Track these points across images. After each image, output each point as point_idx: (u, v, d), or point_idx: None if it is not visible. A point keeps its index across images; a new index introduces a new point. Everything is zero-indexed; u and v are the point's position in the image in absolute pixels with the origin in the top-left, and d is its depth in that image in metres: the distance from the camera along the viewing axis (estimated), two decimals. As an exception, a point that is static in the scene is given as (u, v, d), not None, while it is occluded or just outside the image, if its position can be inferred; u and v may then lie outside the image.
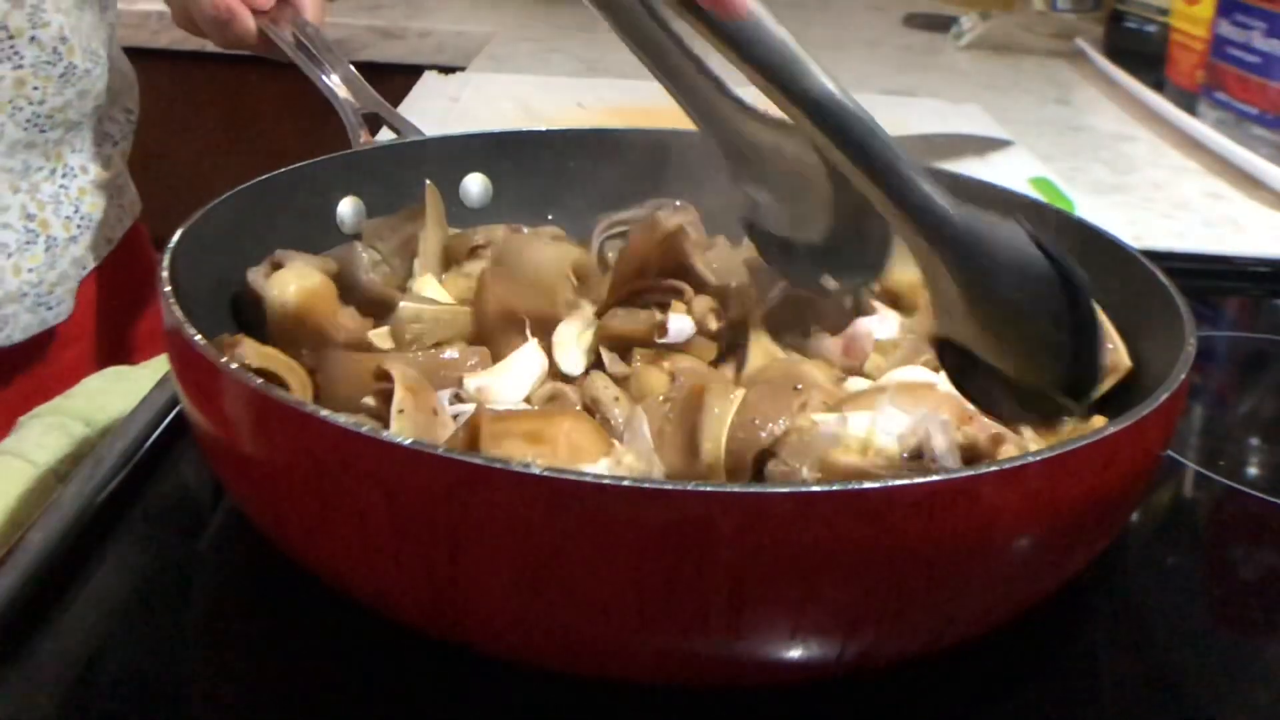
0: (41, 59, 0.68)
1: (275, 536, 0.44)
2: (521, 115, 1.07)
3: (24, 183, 0.70)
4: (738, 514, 0.34)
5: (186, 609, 0.47)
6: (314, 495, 0.39)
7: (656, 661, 0.39)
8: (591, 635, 0.38)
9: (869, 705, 0.43)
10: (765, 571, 0.35)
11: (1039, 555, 0.40)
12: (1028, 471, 0.37)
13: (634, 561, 0.35)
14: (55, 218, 0.71)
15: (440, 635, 0.41)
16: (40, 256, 0.70)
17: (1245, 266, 0.85)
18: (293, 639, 0.45)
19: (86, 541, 0.48)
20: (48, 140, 0.70)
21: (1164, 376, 0.43)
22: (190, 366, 0.43)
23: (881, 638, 0.38)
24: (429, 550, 0.37)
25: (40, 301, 0.71)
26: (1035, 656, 0.46)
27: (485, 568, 0.37)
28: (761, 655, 0.38)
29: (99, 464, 0.51)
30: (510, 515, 0.35)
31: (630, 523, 0.35)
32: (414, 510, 0.37)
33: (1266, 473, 0.60)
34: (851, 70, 1.36)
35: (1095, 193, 0.98)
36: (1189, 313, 0.48)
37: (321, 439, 0.37)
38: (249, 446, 0.41)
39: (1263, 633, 0.49)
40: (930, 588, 0.37)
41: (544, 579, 0.36)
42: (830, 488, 0.35)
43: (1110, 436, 0.38)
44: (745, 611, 0.36)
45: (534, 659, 0.41)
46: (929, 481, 0.35)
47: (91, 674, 0.43)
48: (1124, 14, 1.36)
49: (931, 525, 0.35)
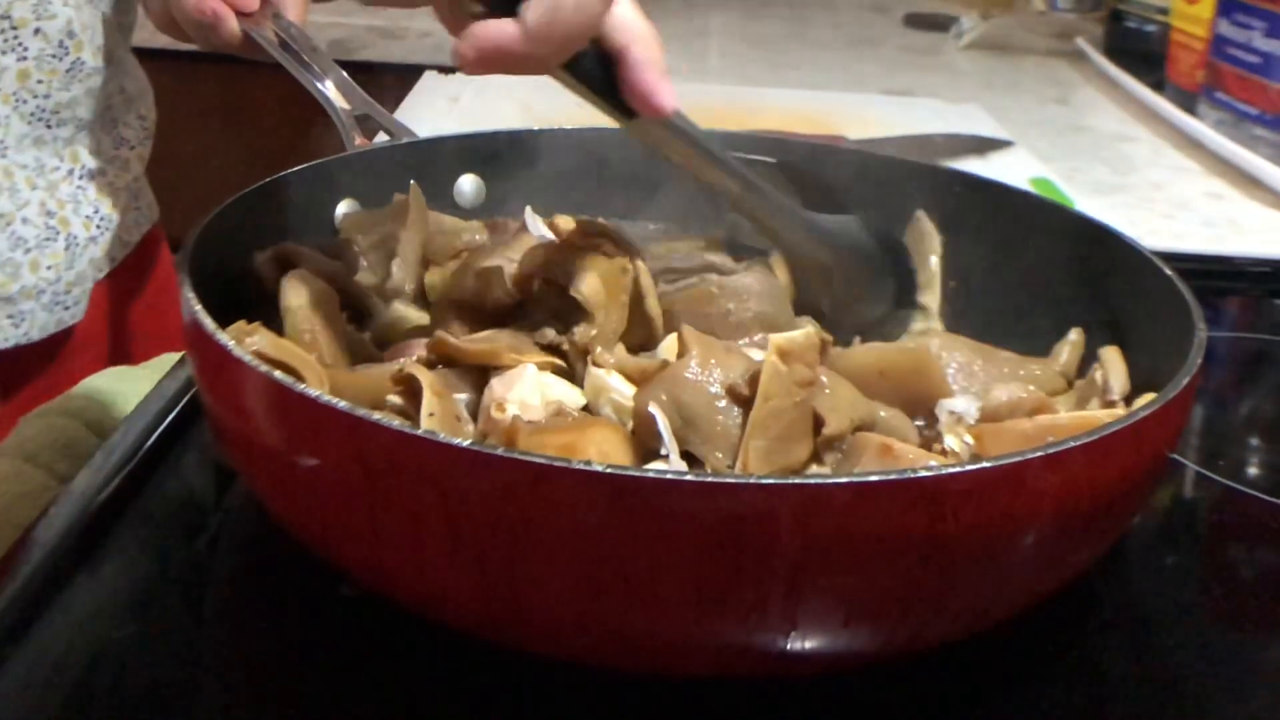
0: (47, 52, 0.68)
1: (313, 541, 0.44)
2: (521, 115, 1.07)
3: (41, 180, 0.70)
4: (798, 504, 0.35)
5: (187, 609, 0.47)
6: (363, 500, 0.38)
7: (710, 654, 0.39)
8: (649, 631, 0.38)
9: (870, 705, 0.43)
10: (823, 561, 0.36)
11: (1077, 535, 0.41)
12: (1070, 455, 0.38)
13: (696, 555, 0.36)
14: (75, 217, 0.71)
15: (491, 636, 0.41)
16: (60, 254, 0.70)
17: (1245, 266, 0.85)
18: (294, 639, 0.45)
19: (86, 541, 0.48)
20: (57, 138, 0.70)
21: (1172, 368, 0.44)
22: (220, 370, 0.42)
23: (926, 623, 0.39)
24: (487, 552, 0.37)
25: (57, 300, 0.71)
26: (1035, 656, 0.46)
27: (545, 567, 0.37)
28: (812, 645, 0.38)
29: (99, 464, 0.51)
30: (573, 514, 0.35)
31: (693, 517, 0.35)
32: (472, 512, 0.37)
33: (1266, 473, 0.60)
34: (851, 70, 1.36)
35: (1095, 193, 0.98)
36: (1195, 301, 0.49)
37: (374, 443, 0.37)
38: (290, 452, 0.40)
39: (1263, 633, 0.49)
40: (976, 571, 0.38)
41: (605, 576, 0.36)
42: (887, 476, 0.36)
43: (1142, 420, 0.40)
44: (802, 601, 0.37)
45: (588, 657, 0.41)
46: (980, 468, 0.36)
47: (92, 674, 0.43)
48: (1124, 14, 1.36)
49: (981, 509, 0.37)
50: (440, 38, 1.47)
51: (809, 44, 1.49)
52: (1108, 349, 0.54)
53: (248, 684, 0.44)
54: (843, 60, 1.41)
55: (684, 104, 0.50)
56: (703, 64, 1.39)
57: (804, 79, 1.31)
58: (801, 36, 1.53)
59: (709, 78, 1.32)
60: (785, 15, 1.65)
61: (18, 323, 0.69)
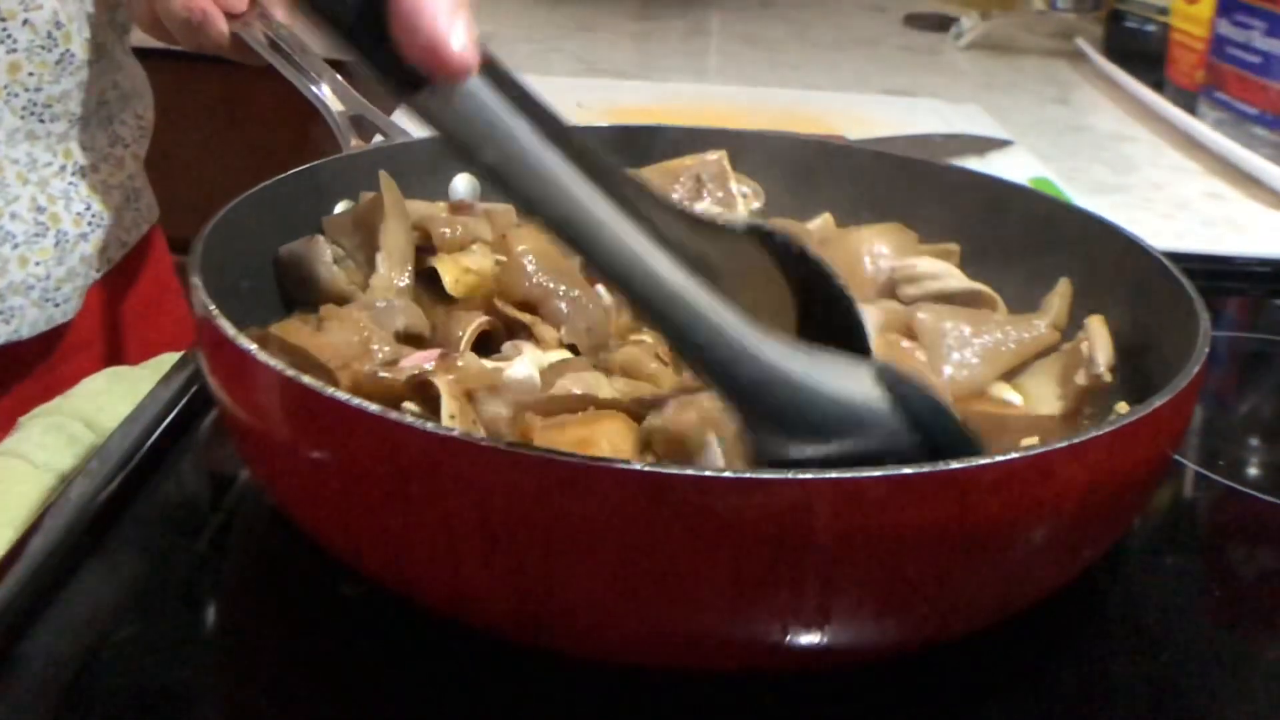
0: (35, 43, 0.67)
1: (335, 544, 0.43)
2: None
3: (32, 175, 0.69)
4: (834, 498, 0.35)
5: (187, 610, 0.47)
6: (395, 503, 0.38)
7: (741, 650, 0.39)
8: (684, 628, 0.38)
9: (870, 705, 0.43)
10: (858, 554, 0.36)
11: (1100, 524, 0.42)
12: (1094, 444, 0.39)
13: (733, 551, 0.36)
14: (66, 213, 0.71)
15: (520, 637, 0.41)
16: (50, 251, 0.70)
17: (1245, 266, 0.85)
18: (294, 638, 0.45)
19: (86, 541, 0.48)
20: (50, 133, 0.70)
21: (1177, 361, 0.44)
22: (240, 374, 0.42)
23: (951, 615, 0.40)
24: (522, 552, 0.37)
25: (47, 297, 0.71)
26: (1035, 656, 0.46)
27: (582, 567, 0.37)
28: (845, 638, 0.39)
29: (99, 464, 0.51)
30: (609, 513, 0.36)
31: (730, 513, 0.35)
32: (507, 513, 0.37)
33: (1266, 473, 0.60)
34: (851, 70, 1.36)
35: (1095, 192, 0.98)
36: (1199, 297, 0.49)
37: (407, 446, 0.37)
38: (318, 456, 0.40)
39: (1263, 633, 0.49)
40: (1001, 562, 0.39)
41: (641, 575, 0.37)
42: (921, 469, 0.36)
43: (1158, 409, 0.41)
44: (836, 594, 0.37)
45: (619, 655, 0.41)
46: (1008, 459, 0.37)
47: (91, 675, 0.43)
48: (1124, 14, 1.36)
49: (1008, 499, 0.37)
50: (440, 38, 1.46)
51: (809, 44, 1.49)
52: (1092, 318, 0.55)
53: (248, 684, 0.44)
54: (843, 60, 1.41)
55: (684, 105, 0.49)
56: (703, 64, 1.39)
57: (804, 79, 1.31)
58: (801, 36, 1.53)
59: (709, 78, 1.32)
60: (785, 15, 1.65)
61: (8, 319, 0.69)
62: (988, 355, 0.54)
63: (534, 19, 1.52)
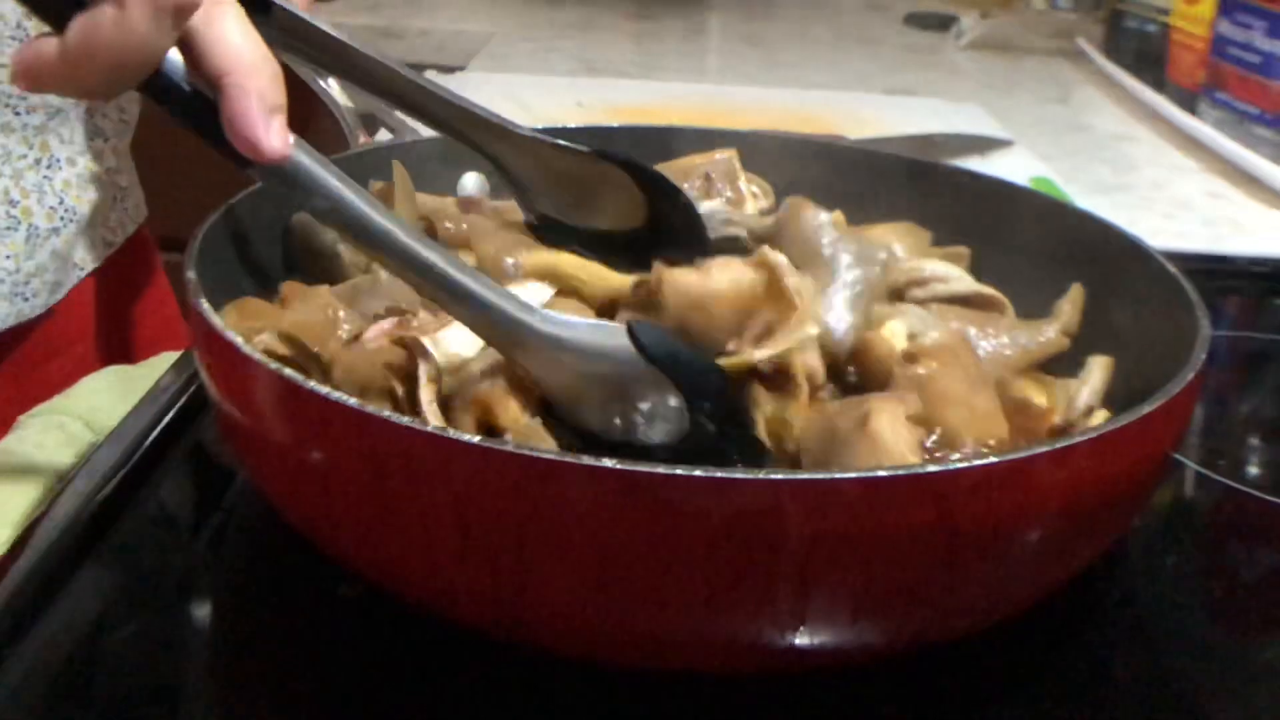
0: (6, 34, 0.67)
1: (321, 538, 0.44)
2: (521, 114, 1.07)
3: (6, 168, 0.69)
4: (807, 499, 0.35)
5: (186, 610, 0.47)
6: (373, 497, 0.38)
7: (718, 650, 0.39)
8: (658, 627, 0.38)
9: (870, 705, 0.43)
10: (832, 556, 0.36)
11: (1081, 531, 0.42)
12: (1077, 450, 0.38)
13: (705, 550, 0.36)
14: (39, 207, 0.70)
15: (498, 633, 0.41)
16: (20, 245, 0.69)
17: (1245, 266, 0.85)
18: (293, 639, 0.45)
19: (85, 541, 0.48)
20: (26, 125, 0.69)
21: (1176, 363, 0.44)
22: (229, 368, 0.42)
23: (932, 619, 0.40)
24: (495, 547, 0.37)
25: (16, 291, 0.70)
26: (1035, 656, 0.46)
27: (554, 563, 0.37)
28: (820, 640, 0.39)
29: (99, 464, 0.51)
30: (581, 509, 0.36)
31: (702, 512, 0.35)
32: (481, 508, 0.37)
33: (1266, 473, 0.60)
34: (851, 70, 1.36)
35: (1095, 192, 0.98)
36: (1198, 297, 0.49)
37: (383, 439, 0.37)
38: (298, 449, 0.40)
39: (1263, 633, 0.49)
40: (982, 567, 0.39)
41: (614, 572, 0.37)
42: (896, 472, 0.36)
43: (1150, 414, 0.40)
44: (811, 596, 0.37)
45: (596, 653, 0.41)
46: (987, 464, 0.37)
47: (92, 674, 0.43)
48: (1124, 14, 1.36)
49: (989, 504, 0.37)
50: (440, 37, 1.46)
51: (809, 44, 1.49)
52: (1096, 358, 0.53)
53: (247, 684, 0.44)
54: (843, 60, 1.41)
55: (684, 104, 0.49)
56: (702, 64, 1.39)
57: (804, 79, 1.31)
58: (801, 36, 1.53)
59: (709, 78, 1.32)
60: (785, 15, 1.65)
61: None
62: (993, 360, 0.53)
63: (534, 18, 1.52)
